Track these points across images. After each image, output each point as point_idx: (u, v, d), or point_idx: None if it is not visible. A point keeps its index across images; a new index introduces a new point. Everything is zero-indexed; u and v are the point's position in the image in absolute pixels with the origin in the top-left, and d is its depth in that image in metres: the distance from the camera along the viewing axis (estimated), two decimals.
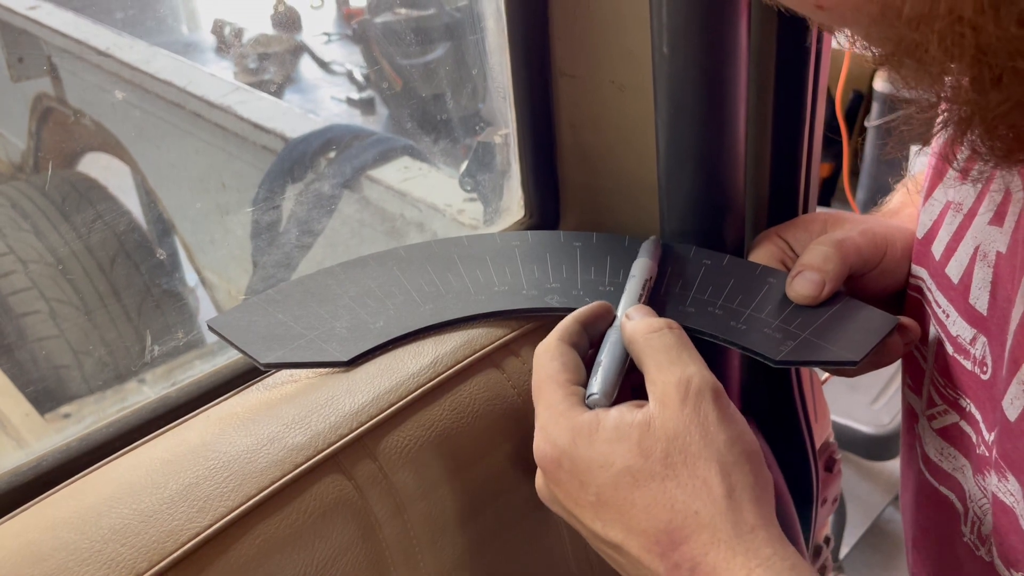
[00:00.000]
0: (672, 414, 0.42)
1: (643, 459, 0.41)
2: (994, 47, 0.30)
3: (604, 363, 0.47)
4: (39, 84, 1.41)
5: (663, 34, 0.54)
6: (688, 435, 0.41)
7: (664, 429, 0.42)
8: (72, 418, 1.01)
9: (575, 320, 0.49)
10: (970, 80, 0.32)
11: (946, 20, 0.30)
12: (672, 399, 0.42)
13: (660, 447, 0.41)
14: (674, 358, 0.44)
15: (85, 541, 0.41)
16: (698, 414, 0.42)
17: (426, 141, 1.13)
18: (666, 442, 0.41)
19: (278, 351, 0.52)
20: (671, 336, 0.45)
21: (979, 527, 0.48)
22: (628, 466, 0.41)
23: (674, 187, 0.60)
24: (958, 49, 0.31)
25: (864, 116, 2.35)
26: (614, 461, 0.42)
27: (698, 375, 0.43)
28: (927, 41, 0.31)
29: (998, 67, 0.31)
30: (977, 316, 0.46)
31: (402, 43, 1.22)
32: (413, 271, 0.59)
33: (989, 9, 0.29)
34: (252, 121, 1.26)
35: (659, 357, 0.44)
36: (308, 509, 0.45)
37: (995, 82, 0.31)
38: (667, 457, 0.41)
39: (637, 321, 0.47)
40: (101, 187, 1.33)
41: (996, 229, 0.45)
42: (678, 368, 0.43)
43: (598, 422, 0.43)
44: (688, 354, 0.44)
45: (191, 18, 1.55)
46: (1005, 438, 0.42)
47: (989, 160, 0.35)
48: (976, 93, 0.32)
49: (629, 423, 0.42)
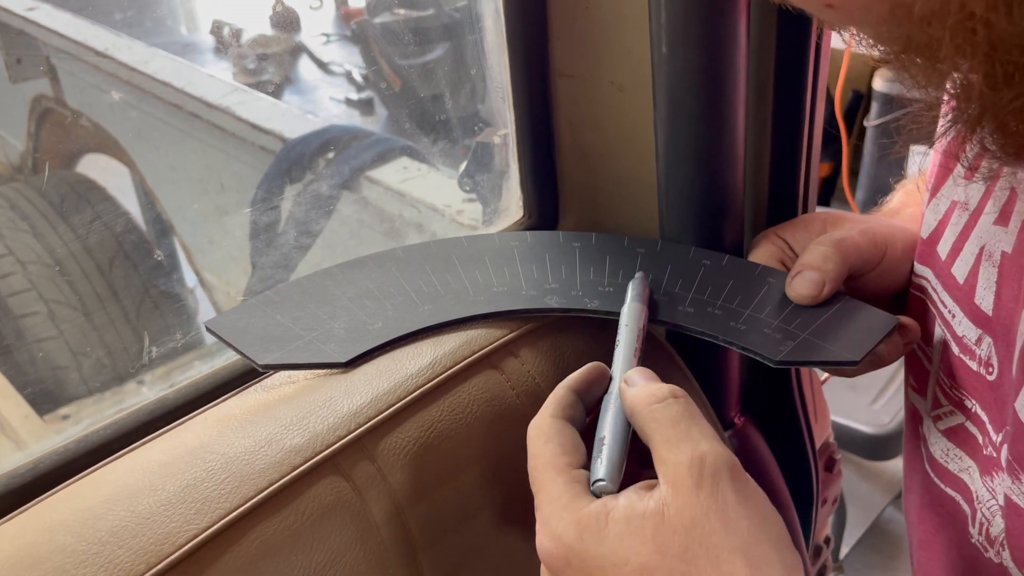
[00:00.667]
0: (687, 501, 0.38)
1: (660, 555, 0.37)
2: (1006, 43, 0.30)
3: (607, 441, 0.42)
4: (38, 85, 1.41)
5: (662, 34, 0.54)
6: (707, 524, 0.37)
7: (680, 519, 0.37)
8: (71, 419, 1.01)
9: (568, 389, 0.45)
10: (982, 77, 0.32)
11: (958, 17, 0.30)
12: (685, 483, 0.38)
13: (678, 540, 0.37)
14: (683, 433, 0.40)
15: (83, 543, 0.41)
16: (716, 499, 0.38)
17: (425, 141, 1.13)
18: (684, 534, 0.37)
19: (276, 352, 0.52)
20: (677, 407, 0.41)
21: (987, 528, 0.48)
22: (644, 563, 0.37)
23: (673, 187, 0.60)
24: (970, 46, 0.31)
25: (863, 116, 2.35)
26: (628, 559, 0.38)
27: (712, 453, 0.39)
28: (938, 39, 0.31)
29: (1010, 63, 0.31)
30: (982, 316, 0.46)
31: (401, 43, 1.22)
32: (412, 272, 0.59)
33: (1001, 5, 0.29)
34: (251, 122, 1.26)
35: (666, 432, 0.40)
36: (306, 511, 0.45)
37: (1007, 78, 0.31)
38: (686, 551, 0.37)
39: (638, 389, 0.43)
40: (100, 188, 1.33)
41: (1001, 229, 0.45)
42: (688, 445, 0.39)
43: (607, 514, 0.39)
44: (698, 428, 0.40)
45: (190, 19, 1.55)
46: (1018, 439, 0.42)
47: (999, 157, 0.35)
48: (988, 90, 0.32)
49: (641, 514, 0.38)
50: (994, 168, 0.39)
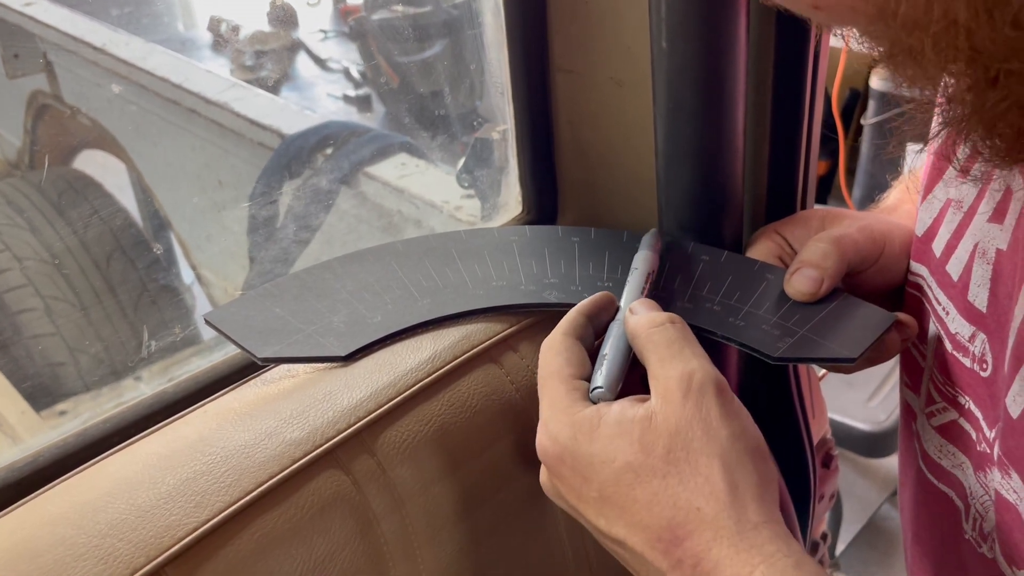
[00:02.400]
0: (674, 409, 0.41)
1: (644, 455, 0.41)
2: (989, 49, 0.30)
3: (608, 357, 0.46)
4: (35, 81, 1.41)
5: (662, 30, 0.54)
6: (690, 431, 0.41)
7: (666, 424, 0.41)
8: (68, 415, 1.01)
9: (580, 313, 0.49)
10: (967, 81, 0.32)
11: (941, 24, 0.30)
12: (674, 394, 0.42)
13: (662, 443, 0.41)
14: (676, 352, 0.44)
15: (82, 536, 0.41)
16: (700, 409, 0.41)
17: (423, 137, 1.13)
18: (668, 438, 0.41)
19: (275, 345, 0.52)
20: (673, 331, 0.45)
21: (980, 524, 0.48)
22: (629, 462, 0.41)
23: (672, 183, 0.60)
24: (953, 52, 0.31)
25: (860, 114, 2.35)
26: (615, 457, 0.41)
27: (700, 370, 0.43)
28: (922, 44, 0.31)
29: (994, 69, 0.31)
30: (976, 313, 0.46)
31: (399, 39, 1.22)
32: (411, 265, 0.59)
33: (983, 12, 0.29)
34: (248, 118, 1.26)
35: (661, 352, 0.44)
36: (306, 504, 0.45)
37: (992, 83, 0.31)
38: (669, 453, 0.41)
39: (640, 315, 0.47)
40: (97, 184, 1.33)
41: (996, 227, 0.45)
42: (680, 363, 0.43)
43: (599, 417, 0.42)
44: (691, 349, 0.44)
45: (187, 15, 1.55)
46: (1008, 435, 0.42)
47: (990, 159, 0.35)
48: (974, 94, 0.32)
49: (631, 419, 0.42)
50: (986, 170, 0.39)
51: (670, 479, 0.40)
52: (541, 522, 0.56)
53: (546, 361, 0.46)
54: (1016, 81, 0.31)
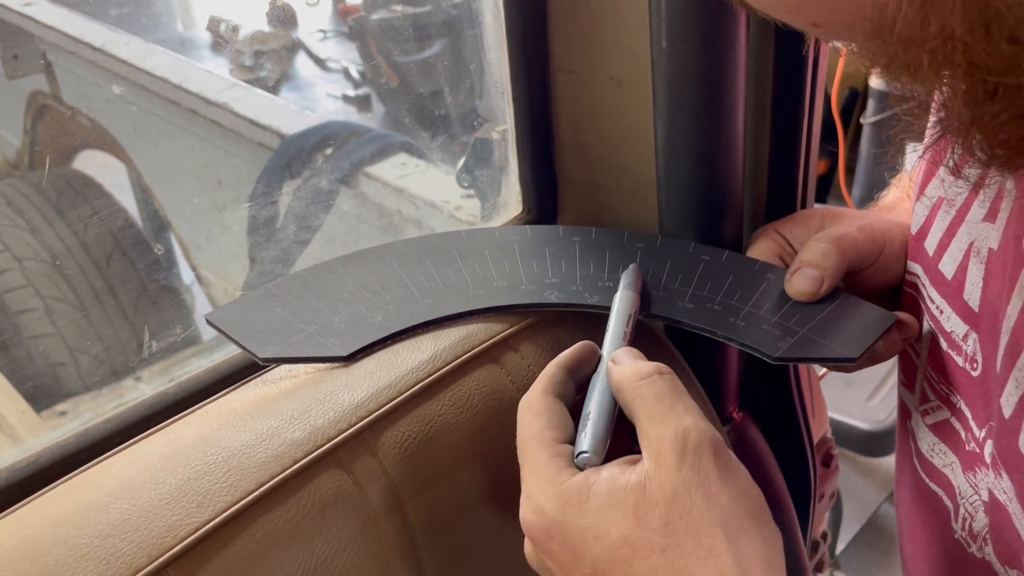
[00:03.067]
0: (669, 475, 0.38)
1: (641, 528, 0.38)
2: (987, 64, 0.30)
3: (592, 416, 0.43)
4: (34, 81, 1.41)
5: (662, 30, 0.54)
6: (688, 498, 0.38)
7: (662, 492, 0.38)
8: (68, 416, 1.01)
9: (559, 367, 0.46)
10: (965, 94, 0.32)
11: (937, 39, 0.30)
12: (668, 457, 0.39)
13: (659, 513, 0.38)
14: (667, 409, 0.40)
15: (84, 536, 0.41)
16: (697, 473, 0.38)
17: (423, 137, 1.13)
18: (665, 507, 0.38)
19: (276, 345, 0.52)
20: (663, 384, 0.42)
21: (970, 524, 0.48)
22: (625, 536, 0.38)
23: (672, 183, 0.60)
24: (950, 66, 0.31)
25: (860, 113, 2.36)
26: (609, 531, 0.38)
27: (695, 428, 0.39)
28: (919, 59, 0.31)
29: (992, 82, 0.31)
30: (970, 312, 0.46)
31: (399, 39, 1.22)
32: (412, 265, 0.59)
33: (979, 27, 0.29)
34: (248, 118, 1.26)
35: (651, 408, 0.41)
36: (307, 504, 0.45)
37: (989, 96, 0.31)
38: (667, 524, 0.38)
39: (624, 367, 0.43)
40: (97, 184, 1.33)
41: (989, 226, 0.45)
42: (672, 421, 0.40)
43: (588, 487, 0.39)
44: (682, 404, 0.41)
45: (186, 15, 1.55)
46: (1001, 435, 0.42)
47: (992, 166, 0.35)
48: (971, 107, 0.32)
49: (623, 487, 0.39)
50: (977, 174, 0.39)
51: (670, 553, 0.37)
52: None
53: (525, 423, 0.43)
54: (1013, 94, 0.31)
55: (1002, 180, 0.43)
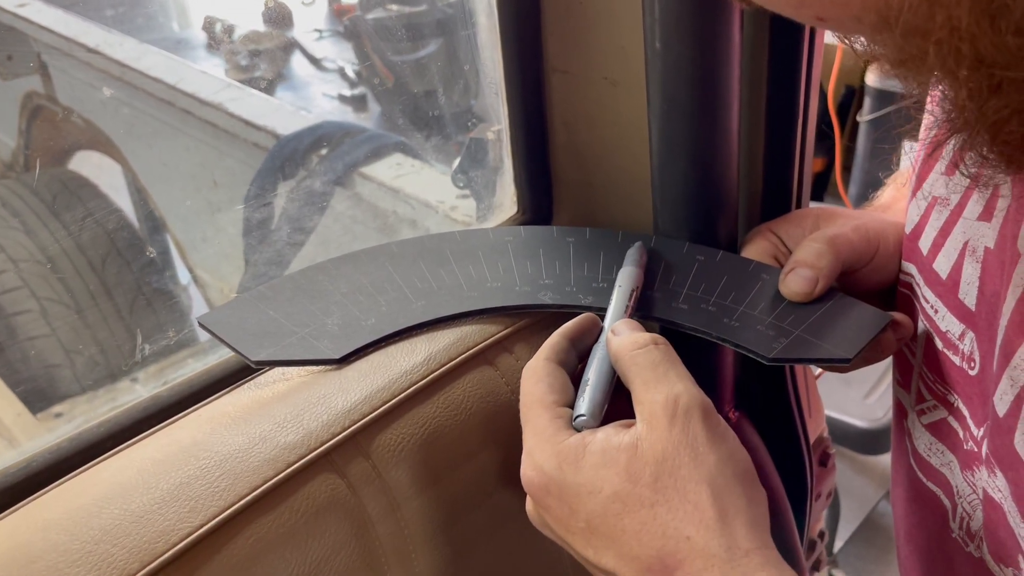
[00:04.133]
0: (660, 435, 0.41)
1: (631, 484, 0.40)
2: (992, 56, 0.30)
3: (591, 382, 0.45)
4: (29, 82, 1.41)
5: (655, 29, 0.54)
6: (677, 457, 0.40)
7: (652, 451, 0.40)
8: (64, 417, 1.01)
9: (562, 336, 0.48)
10: (970, 88, 0.32)
11: (943, 31, 0.30)
12: (659, 419, 0.41)
13: (649, 470, 0.40)
14: (660, 376, 0.43)
15: (76, 542, 0.41)
16: (687, 434, 0.41)
17: (418, 137, 1.13)
18: (655, 465, 0.40)
19: (269, 348, 0.52)
20: (657, 353, 0.44)
21: (968, 523, 0.48)
22: (616, 491, 0.40)
23: (667, 183, 0.60)
24: (956, 59, 0.31)
25: (856, 111, 2.36)
26: (602, 487, 0.41)
27: (686, 393, 0.42)
28: (925, 51, 0.31)
29: (996, 76, 0.31)
30: (966, 311, 0.46)
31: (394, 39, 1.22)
32: (405, 267, 0.59)
33: (985, 20, 0.29)
34: (243, 118, 1.25)
35: (645, 375, 0.43)
36: (301, 508, 0.45)
37: (994, 90, 0.31)
38: (656, 481, 0.40)
39: (623, 337, 0.46)
40: (92, 185, 1.33)
41: (985, 225, 0.45)
42: (665, 386, 0.42)
43: (584, 446, 0.42)
44: (675, 371, 0.43)
45: (181, 15, 1.54)
46: (995, 434, 0.42)
47: (995, 165, 0.35)
48: (976, 100, 0.32)
49: (616, 446, 0.41)
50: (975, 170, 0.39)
51: (658, 508, 0.40)
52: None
53: (528, 388, 0.46)
54: (1017, 89, 0.31)
55: (1000, 178, 0.43)
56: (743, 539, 0.39)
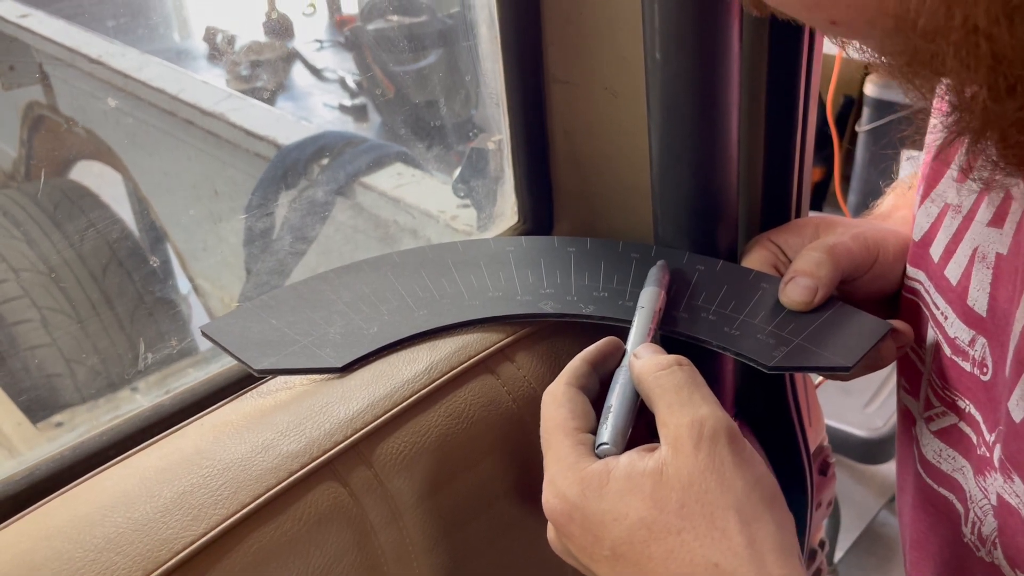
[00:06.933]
0: (686, 460, 0.40)
1: (658, 510, 0.39)
2: (1009, 56, 0.30)
3: (614, 408, 0.44)
4: (30, 92, 1.41)
5: (655, 40, 0.54)
6: (704, 482, 0.39)
7: (678, 477, 0.39)
8: (64, 427, 1.01)
9: (583, 360, 0.47)
10: (985, 89, 0.32)
11: (961, 31, 0.30)
12: (685, 443, 0.40)
13: (675, 496, 0.39)
14: (685, 399, 0.42)
15: (79, 550, 0.41)
16: (713, 459, 0.40)
17: (419, 147, 1.13)
18: (681, 491, 0.39)
19: (272, 357, 0.52)
20: (681, 374, 0.43)
21: (980, 528, 0.48)
22: (642, 518, 0.39)
23: (667, 192, 0.60)
24: (973, 59, 0.31)
25: (855, 121, 2.36)
26: (627, 513, 0.40)
27: (711, 416, 0.41)
28: (942, 52, 0.31)
29: (1012, 76, 0.31)
30: (976, 318, 0.46)
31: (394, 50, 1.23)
32: (407, 276, 0.59)
33: (1003, 19, 0.29)
34: (245, 128, 1.26)
35: (669, 398, 0.42)
36: (303, 517, 0.45)
37: (1010, 91, 0.31)
38: (683, 507, 0.39)
39: (645, 360, 0.45)
40: (93, 195, 1.33)
41: (996, 231, 0.45)
42: (690, 409, 0.41)
43: (608, 472, 0.41)
44: (700, 394, 0.42)
45: (183, 26, 1.55)
46: (1011, 440, 0.42)
47: (1002, 168, 0.35)
48: (991, 102, 0.32)
49: (641, 472, 0.40)
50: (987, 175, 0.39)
51: (685, 535, 0.39)
52: (539, 533, 0.56)
53: (549, 414, 0.44)
54: None
55: (1012, 184, 0.44)
56: (772, 565, 0.38)
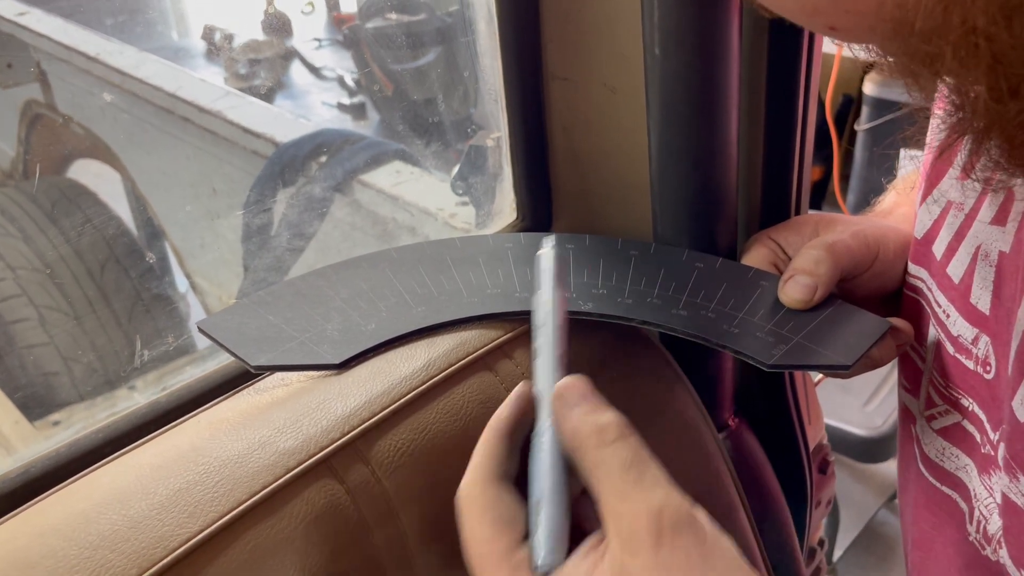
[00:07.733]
0: (645, 560, 0.34)
1: None
2: (1009, 56, 0.30)
3: (545, 505, 0.37)
4: (28, 90, 1.41)
5: (655, 36, 0.54)
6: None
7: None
8: (61, 425, 1.01)
9: (499, 436, 0.40)
10: (986, 90, 0.32)
11: (960, 31, 0.30)
12: (644, 540, 0.34)
13: None
14: (634, 480, 0.35)
15: (74, 548, 0.41)
16: (677, 556, 0.34)
17: (418, 145, 1.13)
18: None
19: (269, 353, 0.52)
20: (627, 450, 0.36)
21: (984, 526, 0.48)
22: None
23: (666, 189, 0.60)
24: (973, 60, 0.30)
25: (854, 120, 2.36)
26: None
27: (669, 504, 0.35)
28: (941, 53, 0.31)
29: (1014, 77, 0.31)
30: (979, 316, 0.46)
31: (393, 47, 1.22)
32: (405, 273, 0.59)
33: (1002, 19, 0.29)
34: (242, 126, 1.26)
35: (615, 480, 0.36)
36: (300, 514, 0.45)
37: (1012, 92, 0.31)
38: None
39: (581, 424, 0.37)
40: (91, 193, 1.33)
41: (998, 229, 0.45)
42: (644, 495, 0.35)
43: None
44: (651, 473, 0.36)
45: (181, 23, 1.55)
46: (1015, 439, 0.42)
47: (1005, 168, 0.35)
48: (993, 103, 0.32)
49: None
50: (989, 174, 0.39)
51: None
52: None
53: (472, 526, 0.38)
54: None
55: (1014, 183, 0.43)
56: None
